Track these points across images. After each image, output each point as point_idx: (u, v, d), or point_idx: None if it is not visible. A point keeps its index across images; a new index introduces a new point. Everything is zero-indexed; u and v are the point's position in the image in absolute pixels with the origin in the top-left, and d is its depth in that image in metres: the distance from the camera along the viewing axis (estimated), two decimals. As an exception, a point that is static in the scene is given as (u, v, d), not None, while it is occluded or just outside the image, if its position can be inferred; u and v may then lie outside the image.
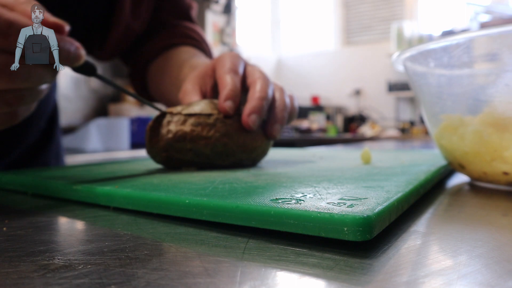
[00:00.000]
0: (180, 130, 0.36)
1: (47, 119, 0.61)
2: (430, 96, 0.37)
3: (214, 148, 0.36)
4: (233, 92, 0.37)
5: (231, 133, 0.36)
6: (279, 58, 4.42)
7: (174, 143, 0.36)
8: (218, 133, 0.36)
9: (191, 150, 0.36)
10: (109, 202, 0.26)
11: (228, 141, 0.36)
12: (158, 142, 0.36)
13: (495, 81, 0.31)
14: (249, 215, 0.20)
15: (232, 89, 0.37)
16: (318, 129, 3.42)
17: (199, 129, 0.36)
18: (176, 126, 0.36)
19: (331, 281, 0.15)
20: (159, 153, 0.37)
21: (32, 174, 0.34)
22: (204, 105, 0.37)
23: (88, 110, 2.19)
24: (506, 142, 0.30)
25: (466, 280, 0.14)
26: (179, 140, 0.36)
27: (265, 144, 0.40)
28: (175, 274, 0.15)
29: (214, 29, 3.44)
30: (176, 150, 0.36)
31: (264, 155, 0.41)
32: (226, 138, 0.36)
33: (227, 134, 0.36)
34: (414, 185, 0.26)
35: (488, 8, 2.91)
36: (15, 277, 0.15)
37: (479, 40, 0.31)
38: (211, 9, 3.36)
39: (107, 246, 0.18)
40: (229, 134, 0.36)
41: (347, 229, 0.17)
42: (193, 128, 0.36)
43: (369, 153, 0.42)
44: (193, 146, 0.36)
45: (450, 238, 0.20)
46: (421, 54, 0.35)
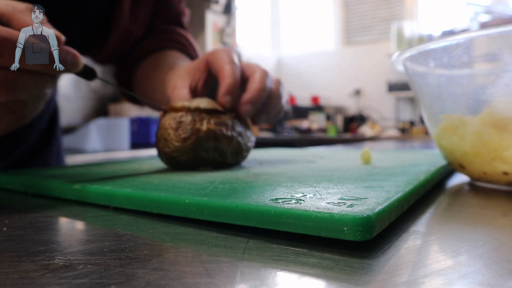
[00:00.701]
0: (209, 129, 0.35)
1: (47, 119, 0.61)
2: (430, 96, 0.37)
3: (232, 147, 0.37)
4: (234, 86, 0.37)
5: (242, 132, 0.38)
6: (279, 58, 4.42)
7: (204, 142, 0.35)
8: (235, 132, 0.37)
9: (216, 149, 0.36)
10: (109, 202, 0.26)
11: (241, 140, 0.37)
12: (187, 140, 0.35)
13: (495, 81, 0.31)
14: (249, 215, 0.20)
15: (233, 82, 0.37)
16: (318, 129, 3.42)
17: (223, 128, 0.36)
18: (206, 125, 0.35)
19: (331, 281, 0.15)
20: (186, 153, 0.36)
21: (32, 174, 0.34)
22: (211, 102, 0.37)
23: (88, 110, 2.19)
24: (506, 142, 0.30)
25: (466, 280, 0.14)
26: (208, 139, 0.35)
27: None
28: (175, 274, 0.15)
29: (214, 29, 3.44)
30: (204, 149, 0.36)
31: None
32: (240, 137, 0.37)
33: (241, 133, 0.37)
34: (414, 185, 0.26)
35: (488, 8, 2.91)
36: (15, 277, 0.15)
37: (479, 40, 0.31)
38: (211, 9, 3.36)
39: (107, 246, 0.18)
40: (242, 133, 0.38)
41: (347, 229, 0.17)
42: (218, 127, 0.36)
43: (369, 153, 0.42)
44: (218, 145, 0.36)
45: (450, 238, 0.20)
46: (421, 54, 0.35)
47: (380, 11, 3.86)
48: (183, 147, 0.35)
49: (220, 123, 0.36)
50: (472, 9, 2.95)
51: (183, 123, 0.36)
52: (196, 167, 0.37)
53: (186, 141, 0.35)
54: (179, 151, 0.36)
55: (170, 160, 0.37)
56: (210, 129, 0.35)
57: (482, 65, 0.33)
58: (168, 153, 0.36)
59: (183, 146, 0.35)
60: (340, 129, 3.73)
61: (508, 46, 0.30)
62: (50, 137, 0.62)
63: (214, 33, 3.42)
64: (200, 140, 0.35)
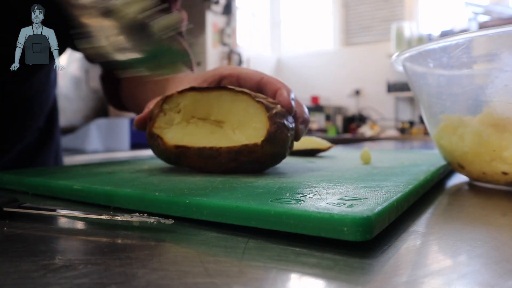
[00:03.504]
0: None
1: (45, 118, 0.60)
2: (430, 96, 0.37)
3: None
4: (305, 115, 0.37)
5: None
6: (279, 58, 4.42)
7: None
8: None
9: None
10: (109, 202, 0.26)
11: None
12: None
13: (494, 82, 0.31)
14: (249, 215, 0.20)
15: (305, 112, 0.36)
16: (318, 129, 3.42)
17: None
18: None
19: (331, 281, 0.15)
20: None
21: (32, 174, 0.34)
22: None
23: (88, 110, 2.19)
24: (505, 142, 0.30)
25: (466, 280, 0.14)
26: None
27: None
28: (175, 274, 0.15)
29: (214, 29, 3.44)
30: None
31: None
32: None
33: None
34: (413, 185, 0.26)
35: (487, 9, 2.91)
36: (15, 277, 0.15)
37: (478, 40, 0.31)
38: (211, 9, 3.36)
39: (107, 246, 0.18)
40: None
41: (347, 229, 0.17)
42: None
43: (368, 153, 0.42)
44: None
45: (450, 238, 0.20)
46: (420, 55, 0.35)
47: (380, 11, 3.86)
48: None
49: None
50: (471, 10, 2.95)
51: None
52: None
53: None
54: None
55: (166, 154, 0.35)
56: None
57: (482, 65, 0.33)
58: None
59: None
60: (340, 129, 3.73)
61: (507, 46, 0.30)
62: (48, 136, 0.61)
63: (214, 33, 3.42)
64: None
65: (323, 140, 0.55)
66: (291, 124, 0.34)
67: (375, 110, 3.75)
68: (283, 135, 0.32)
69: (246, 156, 0.33)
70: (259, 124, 0.33)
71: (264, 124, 0.33)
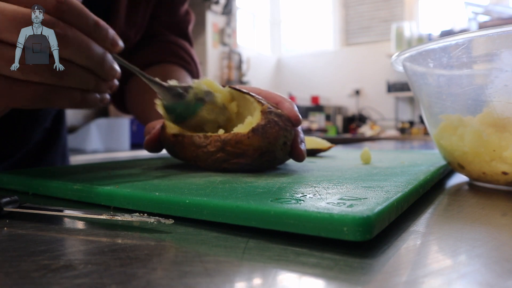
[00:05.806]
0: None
1: (52, 118, 0.60)
2: (430, 96, 0.37)
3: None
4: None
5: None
6: (279, 58, 4.42)
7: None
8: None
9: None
10: (109, 202, 0.26)
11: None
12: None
13: (494, 82, 0.31)
14: (249, 215, 0.20)
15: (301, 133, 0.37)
16: (318, 129, 3.42)
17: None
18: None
19: (331, 281, 0.15)
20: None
21: (33, 174, 0.34)
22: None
23: (88, 111, 2.19)
24: (505, 142, 0.30)
25: (466, 279, 0.14)
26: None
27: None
28: (175, 274, 0.15)
29: (214, 29, 3.44)
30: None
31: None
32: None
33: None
34: (413, 185, 0.26)
35: (487, 9, 2.91)
36: (16, 277, 0.15)
37: (478, 40, 0.31)
38: (211, 9, 3.36)
39: (107, 246, 0.18)
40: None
41: (347, 229, 0.17)
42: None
43: (368, 153, 0.42)
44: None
45: (450, 238, 0.20)
46: (420, 55, 0.35)
47: (380, 11, 3.86)
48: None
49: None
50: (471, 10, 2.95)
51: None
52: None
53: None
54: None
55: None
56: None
57: (481, 65, 0.33)
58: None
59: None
60: (340, 129, 3.73)
61: (507, 46, 0.30)
62: (55, 137, 0.61)
63: (214, 33, 3.42)
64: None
65: (323, 140, 0.55)
66: (288, 127, 0.34)
67: (375, 110, 3.75)
68: (273, 130, 0.32)
69: (233, 146, 0.32)
70: (253, 119, 0.33)
71: (257, 118, 0.33)
